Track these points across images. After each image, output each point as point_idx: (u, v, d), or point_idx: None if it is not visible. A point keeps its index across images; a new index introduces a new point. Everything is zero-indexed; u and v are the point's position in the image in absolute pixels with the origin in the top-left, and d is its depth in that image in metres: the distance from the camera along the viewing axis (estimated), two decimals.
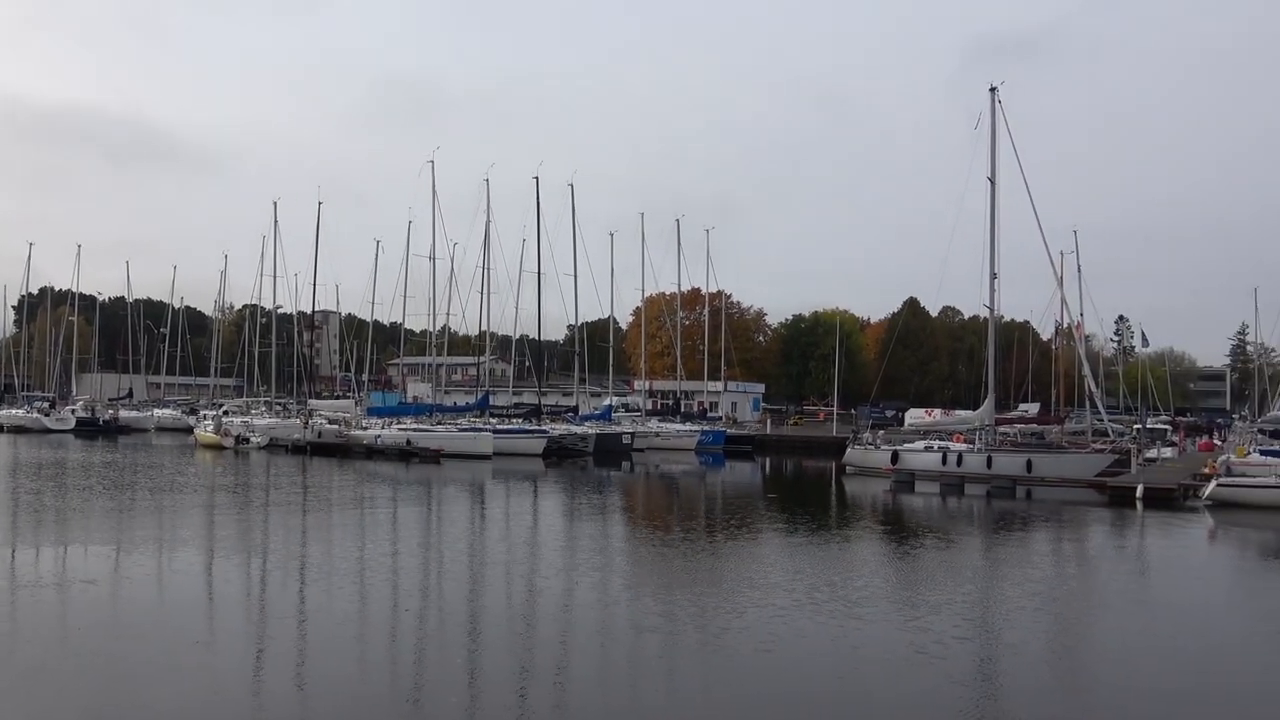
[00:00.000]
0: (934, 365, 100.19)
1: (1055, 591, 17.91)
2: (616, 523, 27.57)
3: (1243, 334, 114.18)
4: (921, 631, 13.56)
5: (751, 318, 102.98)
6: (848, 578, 17.92)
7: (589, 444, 53.16)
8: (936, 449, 42.66)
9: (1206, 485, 32.62)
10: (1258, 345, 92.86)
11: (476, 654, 12.45)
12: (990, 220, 42.47)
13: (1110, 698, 11.09)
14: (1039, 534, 26.75)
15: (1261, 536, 26.99)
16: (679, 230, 69.47)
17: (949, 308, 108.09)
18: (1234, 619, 16.14)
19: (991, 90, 42.76)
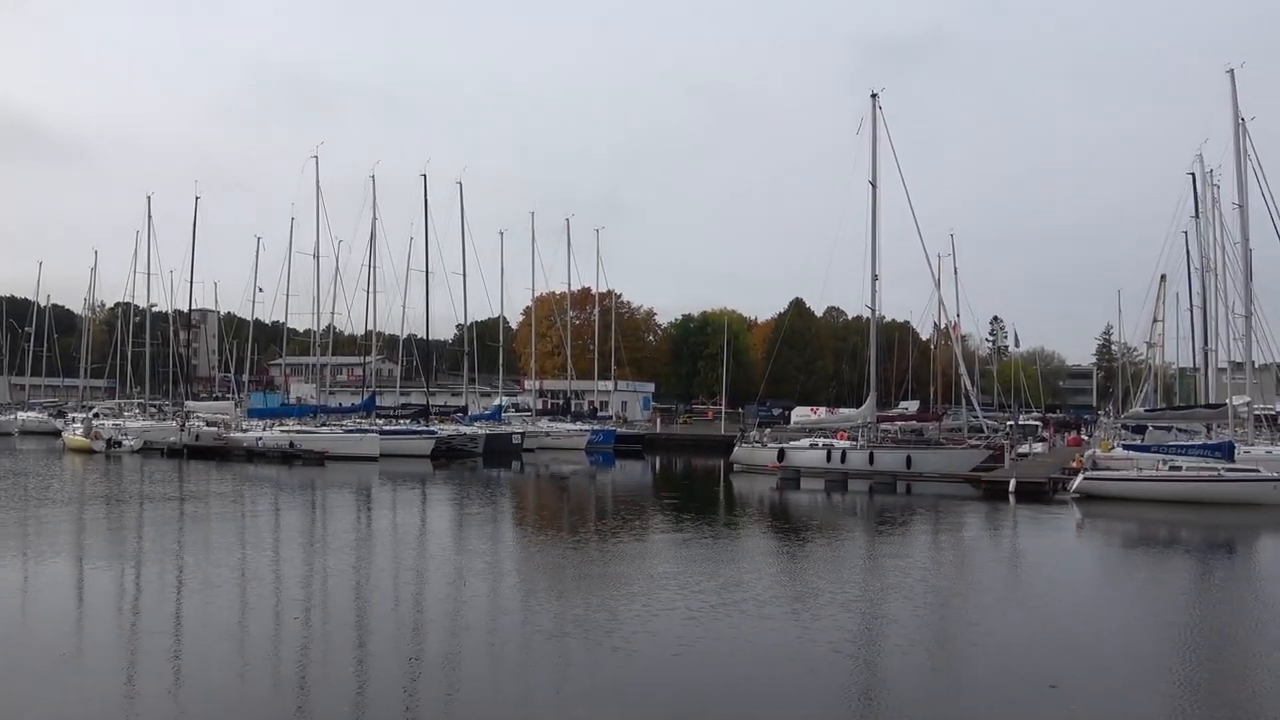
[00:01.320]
0: (819, 364, 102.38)
1: (943, 584, 18.46)
2: (508, 525, 27.37)
3: (1108, 334, 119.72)
4: (838, 630, 13.88)
5: (642, 317, 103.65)
6: (755, 577, 18.12)
7: (478, 444, 52.70)
8: (821, 446, 43.61)
9: (1074, 479, 34.16)
10: (1121, 345, 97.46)
11: (364, 666, 12.05)
12: (871, 223, 43.64)
13: (996, 685, 11.55)
14: (921, 528, 27.56)
15: (1125, 527, 28.37)
16: (569, 230, 69.52)
17: (833, 308, 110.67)
18: (1100, 606, 16.91)
19: (873, 96, 43.94)
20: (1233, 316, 43.57)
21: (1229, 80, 41.03)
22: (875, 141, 43.65)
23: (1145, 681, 11.84)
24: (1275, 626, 15.46)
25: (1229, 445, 34.56)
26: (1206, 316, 46.62)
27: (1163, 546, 25.69)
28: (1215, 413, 41.01)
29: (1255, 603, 17.74)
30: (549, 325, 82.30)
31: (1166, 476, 33.04)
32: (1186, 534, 27.33)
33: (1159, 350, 69.79)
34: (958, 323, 64.78)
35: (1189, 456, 34.27)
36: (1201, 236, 46.83)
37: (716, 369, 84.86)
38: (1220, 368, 47.01)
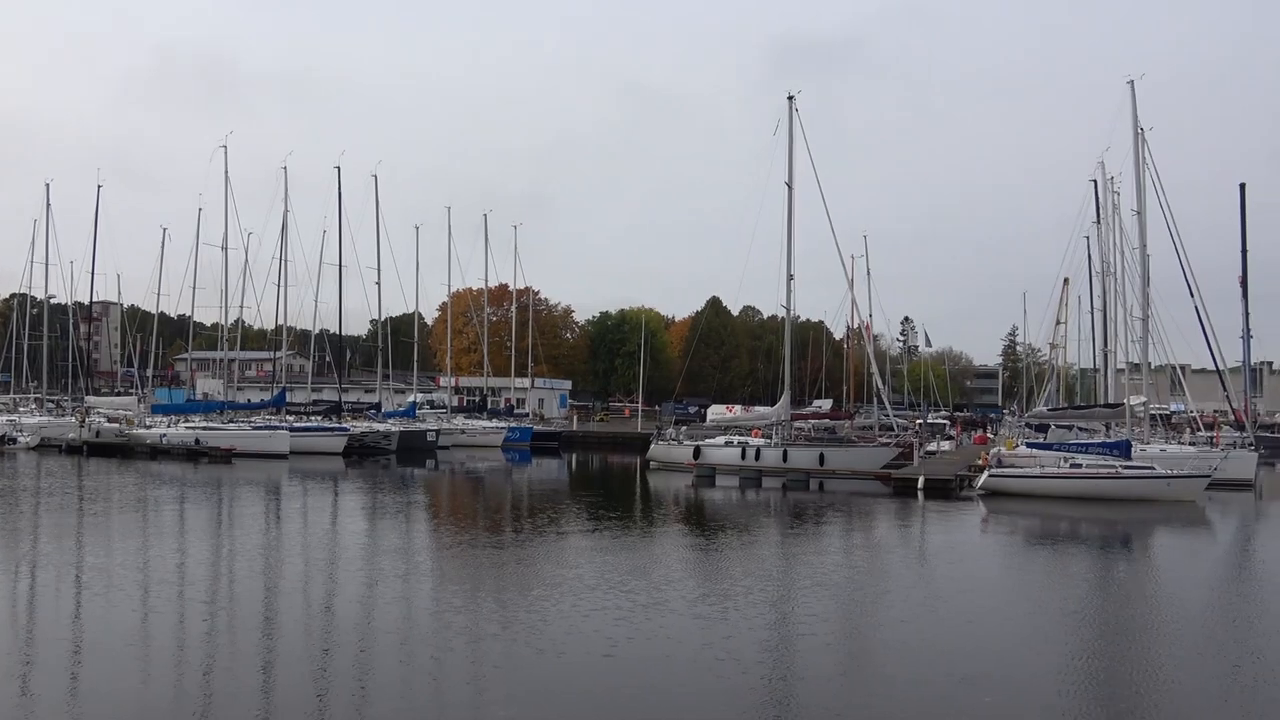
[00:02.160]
0: (735, 363, 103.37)
1: (859, 581, 18.77)
2: (423, 524, 27.03)
3: (1013, 335, 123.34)
4: (766, 628, 14.00)
5: (559, 315, 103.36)
6: (681, 576, 18.23)
7: (392, 442, 51.98)
8: (736, 444, 44.05)
9: (980, 476, 35.09)
10: (1026, 346, 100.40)
11: (274, 673, 11.69)
12: (787, 224, 44.21)
13: (916, 679, 11.81)
14: (835, 525, 28.00)
15: (1027, 522, 29.20)
16: (487, 225, 68.96)
17: (750, 307, 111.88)
18: (1005, 600, 17.41)
19: (789, 99, 44.50)
20: (1131, 319, 45.16)
21: (1129, 91, 42.54)
22: (791, 143, 44.28)
23: (1052, 671, 12.20)
24: (1170, 617, 16.11)
25: (1126, 443, 35.84)
26: (1106, 319, 48.33)
27: (1063, 541, 26.51)
28: (1114, 412, 42.49)
29: (1151, 595, 18.47)
30: (465, 322, 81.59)
31: (1067, 474, 34.16)
32: (1086, 529, 28.24)
33: (1061, 351, 72.06)
34: (870, 323, 66.00)
35: (1089, 454, 35.47)
36: (1102, 241, 48.48)
37: (634, 367, 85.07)
38: (1119, 368, 48.74)
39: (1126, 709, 11.02)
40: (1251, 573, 22.41)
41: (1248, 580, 21.12)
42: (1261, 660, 13.19)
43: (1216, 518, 31.04)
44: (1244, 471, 39.97)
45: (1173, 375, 53.02)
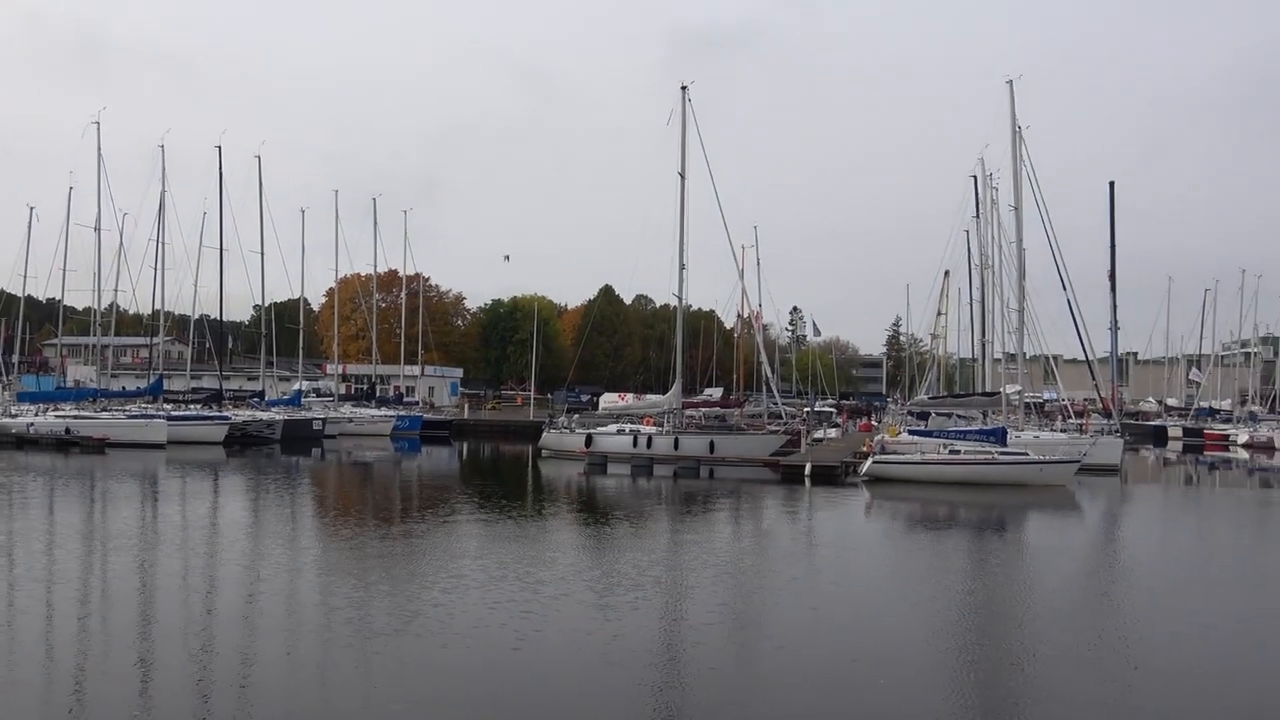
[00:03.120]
0: (627, 351, 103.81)
1: (752, 567, 19.05)
2: (310, 516, 26.37)
3: (897, 325, 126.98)
4: (661, 617, 14.07)
5: (450, 301, 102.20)
6: (586, 566, 18.20)
7: (276, 431, 50.64)
8: (628, 432, 44.26)
9: (864, 463, 36.01)
10: (908, 336, 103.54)
11: (155, 676, 11.07)
12: (680, 214, 44.53)
13: (819, 664, 12.06)
14: (726, 512, 28.36)
15: (909, 507, 30.09)
16: (376, 210, 67.60)
17: (642, 296, 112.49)
18: (889, 582, 17.94)
19: (683, 89, 44.74)
20: (1007, 311, 46.97)
21: (1008, 90, 44.08)
22: (684, 133, 44.55)
23: (940, 650, 12.68)
24: (1042, 597, 16.85)
25: (1002, 430, 37.25)
26: (984, 310, 50.02)
27: (943, 525, 27.40)
28: (991, 400, 44.11)
29: (1025, 574, 19.28)
30: (354, 308, 79.94)
31: (947, 460, 35.32)
32: (964, 513, 29.26)
33: (942, 341, 74.51)
34: (760, 312, 67.01)
35: (967, 441, 36.75)
36: (981, 236, 50.18)
37: (526, 355, 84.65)
38: (996, 358, 50.60)
39: (1008, 680, 11.51)
40: (1116, 552, 23.56)
41: (1113, 559, 22.25)
42: (1124, 629, 14.04)
43: (1085, 501, 32.49)
44: (1110, 457, 41.97)
45: (1046, 365, 55.29)
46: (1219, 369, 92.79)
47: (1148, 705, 10.66)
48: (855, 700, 10.50)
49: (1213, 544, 25.51)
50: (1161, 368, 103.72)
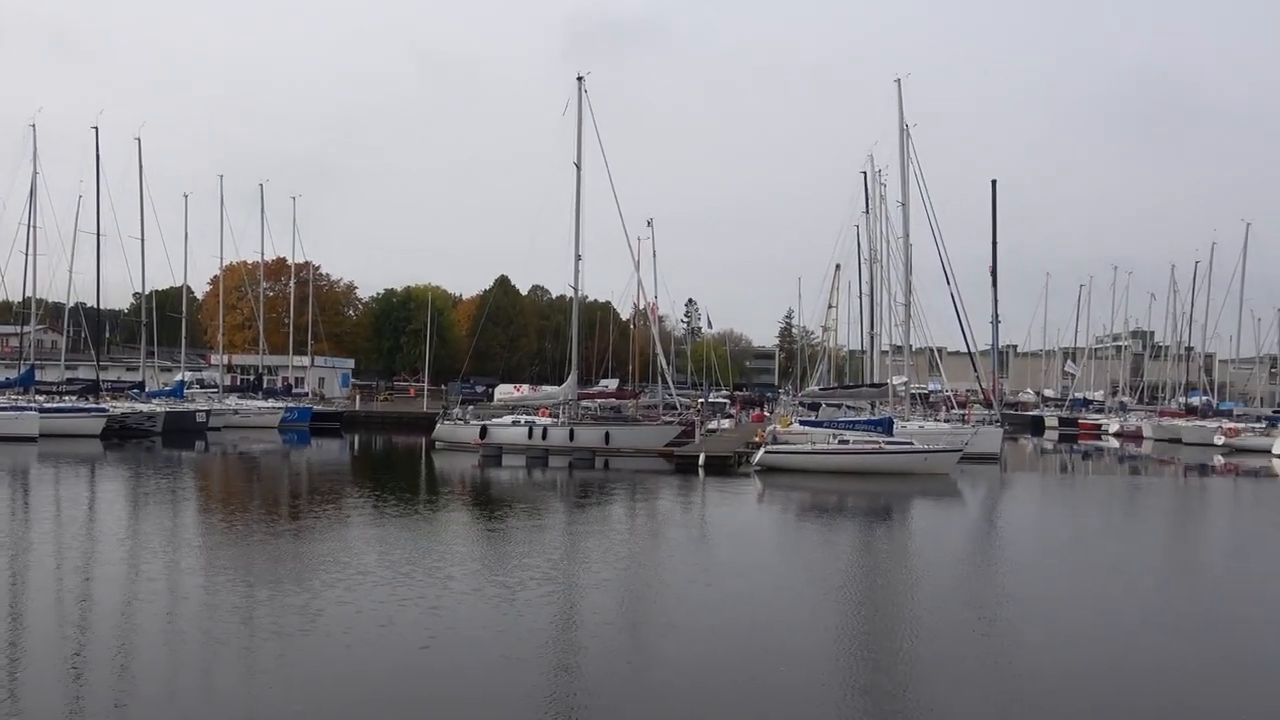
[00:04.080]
0: (523, 342, 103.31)
1: (653, 557, 19.22)
2: (193, 512, 25.36)
3: (789, 318, 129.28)
4: (552, 609, 14.04)
5: (341, 290, 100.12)
6: (496, 560, 18.04)
7: (157, 423, 48.95)
8: (523, 423, 44.10)
9: (757, 453, 36.63)
10: (801, 328, 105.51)
11: (17, 686, 10.47)
12: (576, 205, 44.48)
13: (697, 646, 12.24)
14: (621, 503, 28.53)
15: (800, 496, 30.73)
16: (263, 195, 65.80)
17: (538, 286, 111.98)
18: (779, 568, 18.30)
19: (579, 79, 44.66)
20: (895, 304, 48.27)
21: (896, 89, 45.25)
22: (580, 124, 44.51)
23: (834, 634, 13.06)
24: (928, 578, 17.47)
25: (889, 421, 38.29)
26: (873, 304, 51.35)
27: (832, 513, 28.07)
28: (878, 391, 45.31)
29: (910, 559, 19.92)
30: (240, 297, 77.60)
31: (836, 449, 36.18)
32: (852, 501, 30.03)
33: (833, 334, 76.18)
34: (656, 304, 67.40)
35: (855, 431, 37.67)
36: (871, 231, 51.48)
37: (419, 345, 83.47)
38: (883, 350, 51.95)
39: (897, 660, 11.90)
40: (995, 536, 24.52)
41: (992, 543, 23.17)
42: (1003, 609, 14.68)
43: (966, 489, 33.63)
44: (991, 446, 43.54)
45: (931, 357, 56.99)
46: (1092, 361, 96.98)
47: (1024, 675, 11.13)
48: (759, 685, 10.67)
49: (1084, 528, 26.71)
50: (1039, 360, 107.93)
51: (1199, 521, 29.26)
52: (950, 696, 10.32)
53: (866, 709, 10.07)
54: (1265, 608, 15.61)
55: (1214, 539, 25.66)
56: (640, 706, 9.91)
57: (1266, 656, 12.50)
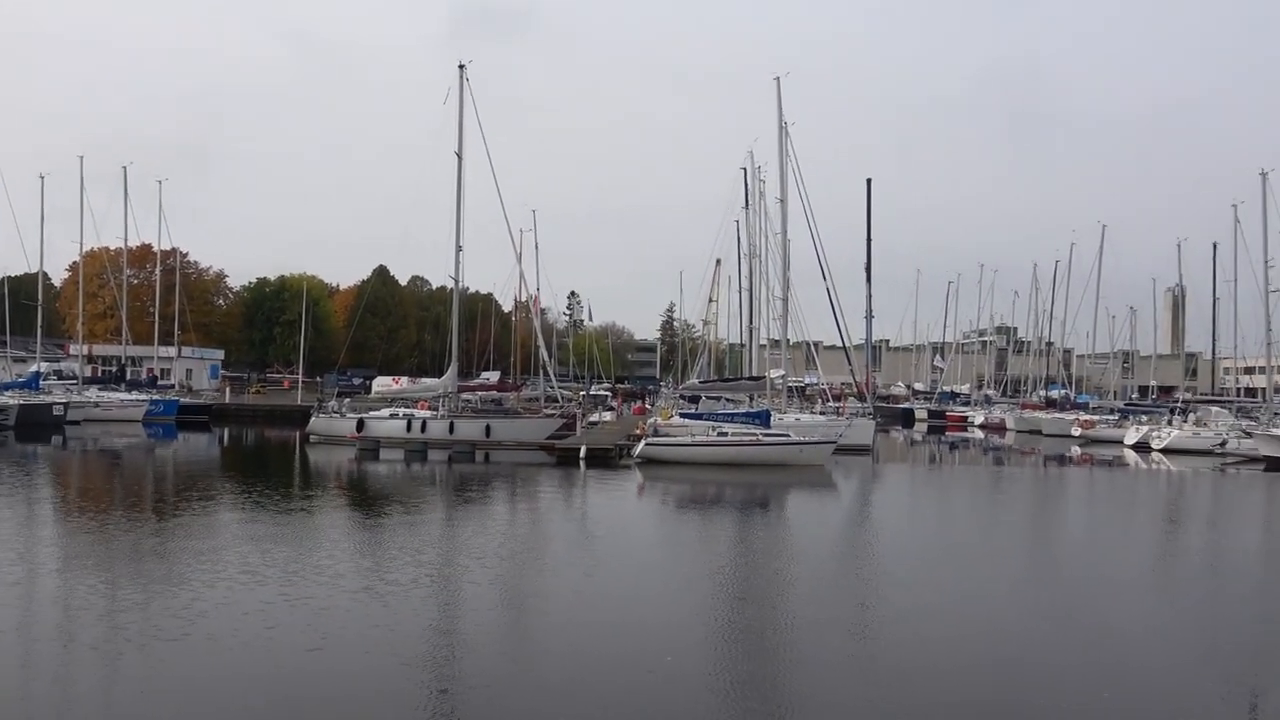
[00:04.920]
0: (402, 334, 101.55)
1: (537, 551, 19.13)
2: (52, 511, 24.08)
3: (671, 311, 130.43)
4: (428, 605, 13.83)
5: (211, 279, 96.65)
6: (377, 558, 17.50)
7: (10, 416, 46.43)
8: (402, 416, 43.40)
9: (637, 445, 36.88)
10: (682, 322, 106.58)
11: None
12: (457, 195, 43.91)
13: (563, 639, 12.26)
14: (503, 496, 28.34)
15: (680, 488, 31.05)
16: (127, 179, 63.06)
17: (418, 277, 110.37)
18: (660, 562, 18.50)
19: (460, 68, 44.09)
20: (773, 299, 49.23)
21: (775, 87, 46.05)
22: (462, 113, 43.95)
23: (716, 623, 13.27)
24: (803, 566, 17.91)
25: (766, 413, 39.05)
26: (752, 298, 52.29)
27: (711, 504, 28.46)
28: (756, 384, 46.12)
29: (787, 548, 20.36)
30: (101, 284, 74.16)
31: (715, 441, 36.72)
32: (730, 492, 30.49)
33: (713, 327, 77.25)
34: (538, 296, 67.20)
35: (734, 423, 38.30)
36: (750, 226, 52.41)
37: (294, 336, 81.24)
38: (762, 344, 52.92)
39: (776, 647, 12.20)
40: (868, 527, 25.27)
41: (865, 533, 23.85)
42: (876, 599, 15.12)
43: (840, 479, 34.55)
44: (864, 438, 44.86)
45: (808, 351, 58.28)
46: (960, 356, 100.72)
47: (894, 666, 11.53)
48: (648, 677, 10.78)
49: (950, 517, 27.78)
50: (910, 354, 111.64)
51: (1058, 510, 30.69)
52: (824, 685, 10.63)
53: (748, 699, 10.27)
54: (1124, 597, 16.49)
55: (1072, 526, 26.96)
56: (528, 703, 9.89)
57: (1129, 643, 13.17)
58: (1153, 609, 15.41)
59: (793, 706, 9.95)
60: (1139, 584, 17.51)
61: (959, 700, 10.17)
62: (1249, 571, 19.56)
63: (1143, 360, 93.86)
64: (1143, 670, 11.61)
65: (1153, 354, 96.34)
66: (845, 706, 9.97)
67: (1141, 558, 21.05)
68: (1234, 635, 13.41)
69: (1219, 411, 59.82)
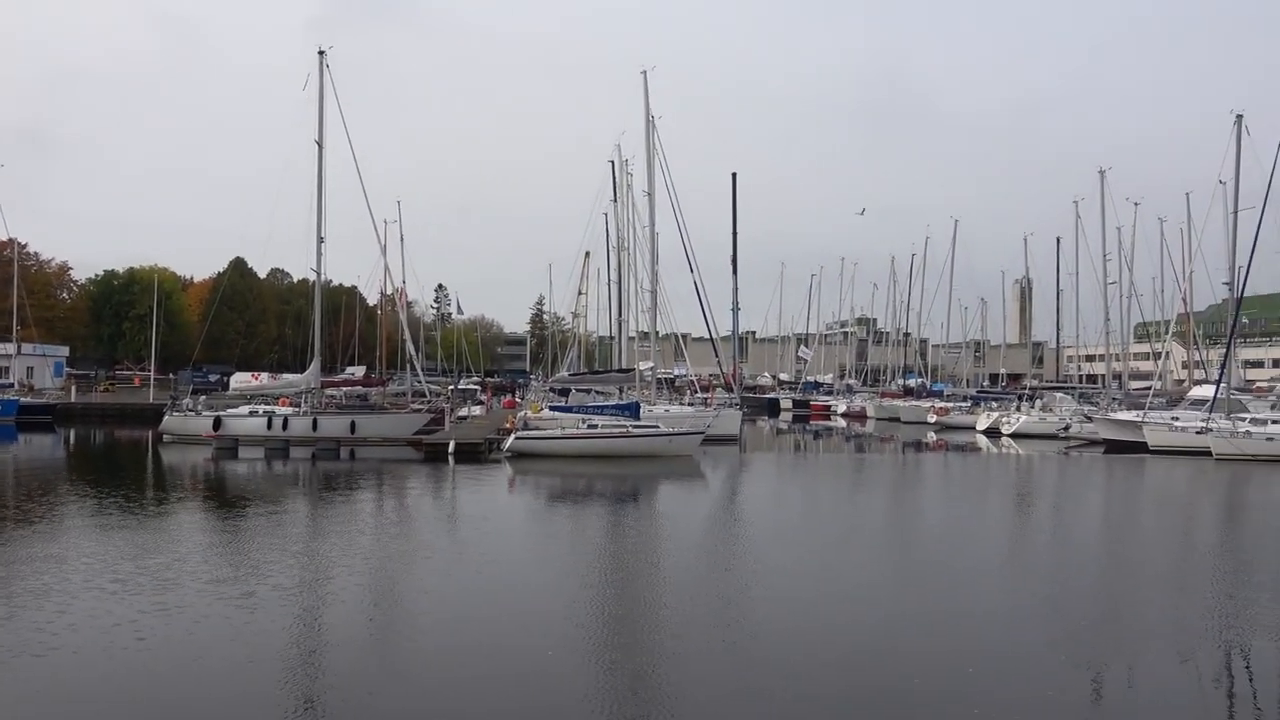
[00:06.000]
0: (262, 328, 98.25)
1: (410, 550, 18.75)
2: None
3: (541, 304, 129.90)
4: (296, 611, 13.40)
5: (53, 271, 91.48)
6: (224, 560, 16.87)
7: None
8: (262, 413, 42.06)
9: (507, 439, 36.68)
10: (552, 314, 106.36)
11: None
12: (318, 184, 42.78)
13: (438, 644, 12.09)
14: (369, 494, 27.72)
15: (550, 481, 31.03)
16: None
17: (278, 269, 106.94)
18: (531, 553, 18.45)
19: (320, 54, 42.93)
20: (642, 292, 49.57)
21: (643, 81, 46.34)
22: (322, 100, 42.82)
23: (594, 615, 13.27)
24: (671, 559, 18.14)
25: (636, 405, 39.34)
26: (621, 291, 52.48)
27: (582, 496, 28.52)
28: (626, 376, 46.38)
29: (657, 538, 20.58)
30: None
31: (585, 434, 36.84)
32: (601, 484, 30.63)
33: (583, 320, 77.30)
34: (404, 289, 66.03)
35: (604, 416, 38.48)
36: (619, 219, 52.61)
37: (145, 331, 77.69)
38: (631, 336, 53.26)
39: (652, 639, 12.31)
40: (735, 515, 25.72)
41: (733, 521, 24.31)
42: (747, 584, 15.46)
43: (709, 470, 35.10)
44: (731, 428, 45.71)
45: (677, 343, 58.98)
46: (823, 347, 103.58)
47: (768, 647, 11.79)
48: (521, 670, 10.73)
49: (814, 503, 28.59)
50: (775, 345, 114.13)
51: (916, 495, 31.85)
52: (702, 676, 10.77)
53: (627, 690, 10.38)
54: (980, 578, 17.25)
55: (930, 511, 28.03)
56: (408, 704, 9.74)
57: (988, 623, 13.78)
58: (1007, 588, 16.17)
59: (673, 697, 10.06)
60: (992, 565, 18.36)
61: (837, 685, 10.50)
62: (1091, 550, 20.73)
63: (993, 349, 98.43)
64: (1001, 645, 12.21)
65: (1002, 343, 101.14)
66: (724, 697, 10.10)
67: (994, 539, 22.06)
68: (1081, 609, 14.22)
69: (1063, 397, 63.23)
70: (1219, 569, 17.98)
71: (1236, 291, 47.00)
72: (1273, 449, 39.67)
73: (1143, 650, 12.12)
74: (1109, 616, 13.92)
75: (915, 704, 9.81)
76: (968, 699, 9.91)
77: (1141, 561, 18.99)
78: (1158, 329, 70.79)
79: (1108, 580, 16.99)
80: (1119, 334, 62.41)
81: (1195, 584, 16.52)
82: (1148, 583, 16.60)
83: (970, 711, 9.55)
